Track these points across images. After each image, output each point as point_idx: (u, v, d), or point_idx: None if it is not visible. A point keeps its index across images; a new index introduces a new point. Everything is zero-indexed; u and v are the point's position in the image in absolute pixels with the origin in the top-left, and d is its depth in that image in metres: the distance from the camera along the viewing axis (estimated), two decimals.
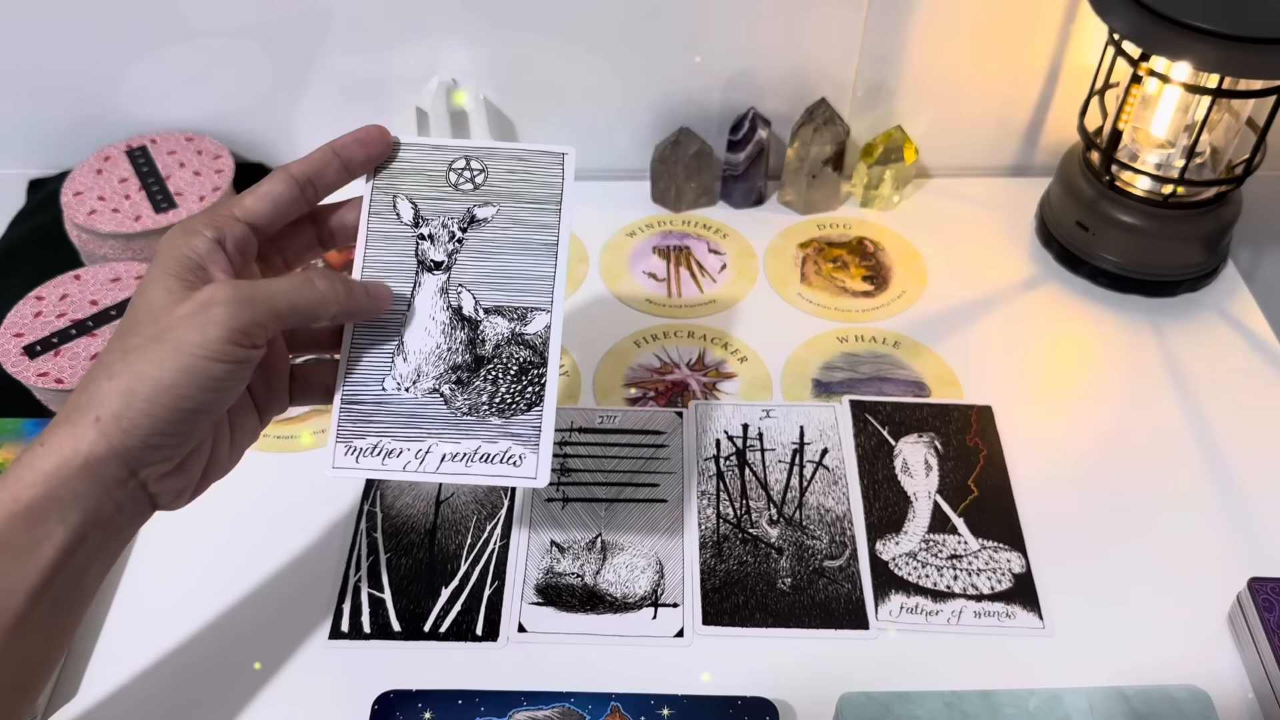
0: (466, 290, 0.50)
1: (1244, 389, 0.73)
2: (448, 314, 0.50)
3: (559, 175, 0.53)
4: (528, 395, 0.50)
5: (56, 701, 0.57)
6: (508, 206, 0.52)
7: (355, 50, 0.82)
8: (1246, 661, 0.58)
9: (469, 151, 0.52)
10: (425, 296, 0.50)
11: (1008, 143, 0.90)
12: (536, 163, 0.53)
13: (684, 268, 0.83)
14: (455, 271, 0.51)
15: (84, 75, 0.84)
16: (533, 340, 0.50)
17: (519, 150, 0.53)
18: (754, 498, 0.66)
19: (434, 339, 0.50)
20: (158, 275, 0.45)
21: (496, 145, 0.52)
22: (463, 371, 0.50)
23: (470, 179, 0.52)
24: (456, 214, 0.51)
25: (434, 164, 0.52)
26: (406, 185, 0.51)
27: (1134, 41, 0.69)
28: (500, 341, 0.50)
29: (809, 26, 0.81)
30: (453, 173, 0.52)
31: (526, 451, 0.49)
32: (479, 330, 0.50)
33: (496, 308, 0.50)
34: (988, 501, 0.66)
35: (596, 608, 0.61)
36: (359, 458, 0.49)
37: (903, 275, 0.82)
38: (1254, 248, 0.97)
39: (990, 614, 0.61)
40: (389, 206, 0.51)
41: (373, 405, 0.50)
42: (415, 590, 0.62)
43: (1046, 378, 0.74)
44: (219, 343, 0.43)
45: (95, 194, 0.80)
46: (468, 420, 0.50)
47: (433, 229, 0.51)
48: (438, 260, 0.50)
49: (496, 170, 0.52)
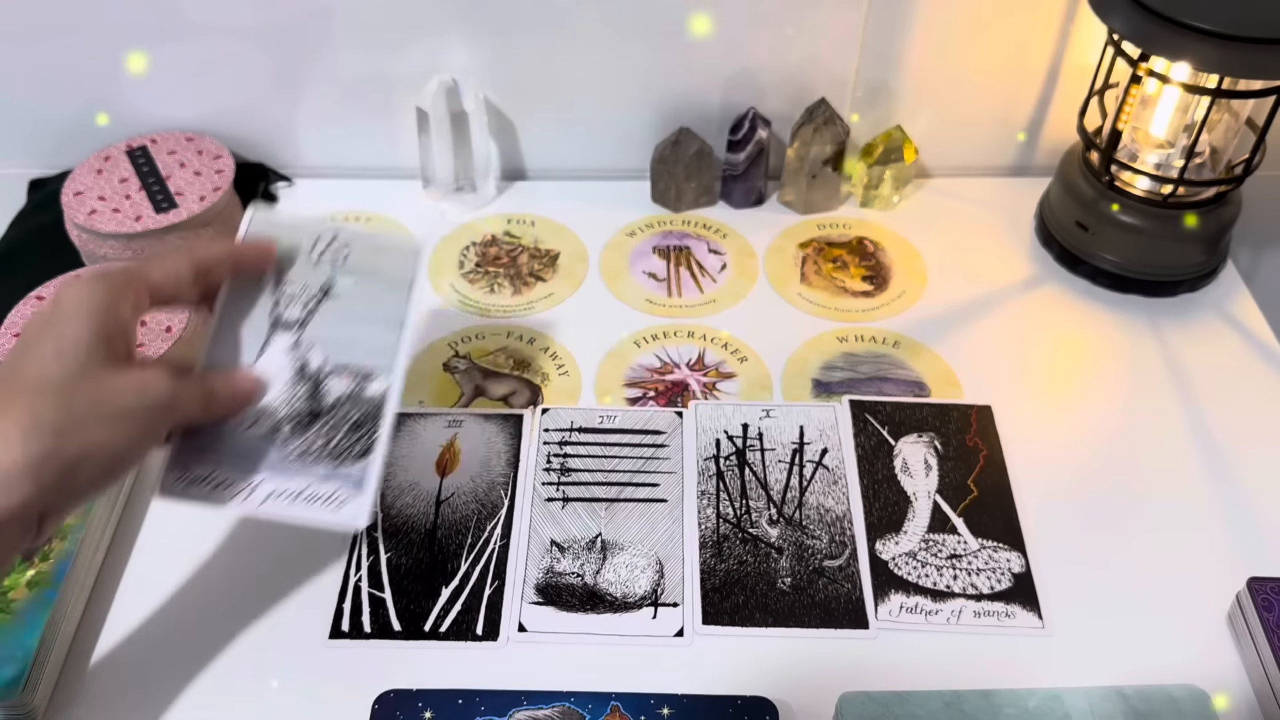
0: (315, 348, 0.55)
1: (1243, 389, 0.73)
2: (294, 368, 0.55)
3: (412, 262, 0.58)
4: (359, 447, 0.54)
5: (56, 701, 0.57)
6: (363, 283, 0.57)
7: (356, 50, 0.82)
8: (1246, 661, 0.58)
9: (336, 230, 0.57)
10: (276, 350, 0.55)
11: (1007, 143, 0.90)
12: (394, 249, 0.58)
13: (684, 268, 0.83)
14: (308, 331, 0.55)
15: (84, 75, 0.84)
16: (370, 400, 0.55)
17: (382, 236, 0.59)
18: (754, 497, 0.66)
19: (276, 389, 0.54)
20: (83, 324, 0.48)
21: (361, 230, 0.59)
22: (302, 418, 0.54)
23: (333, 255, 0.57)
24: (315, 283, 0.56)
25: (303, 238, 0.57)
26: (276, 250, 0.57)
27: (1133, 42, 0.70)
28: (340, 398, 0.55)
29: (809, 26, 0.81)
30: (318, 247, 0.57)
31: (352, 495, 0.53)
32: (321, 386, 0.55)
33: (342, 367, 0.55)
34: (987, 501, 0.66)
35: (597, 607, 0.61)
36: (189, 485, 0.53)
37: (902, 275, 0.82)
38: (1253, 248, 0.98)
39: (990, 614, 0.61)
40: None
41: (210, 439, 0.54)
42: (415, 590, 0.62)
43: (1046, 378, 0.75)
44: (161, 430, 0.50)
45: (96, 194, 0.80)
46: (301, 462, 0.54)
47: (292, 291, 0.56)
48: (291, 319, 0.55)
49: (358, 250, 0.57)
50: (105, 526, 0.64)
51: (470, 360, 0.75)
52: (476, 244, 0.85)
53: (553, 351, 0.76)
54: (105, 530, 0.64)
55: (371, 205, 0.88)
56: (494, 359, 0.76)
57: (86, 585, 0.62)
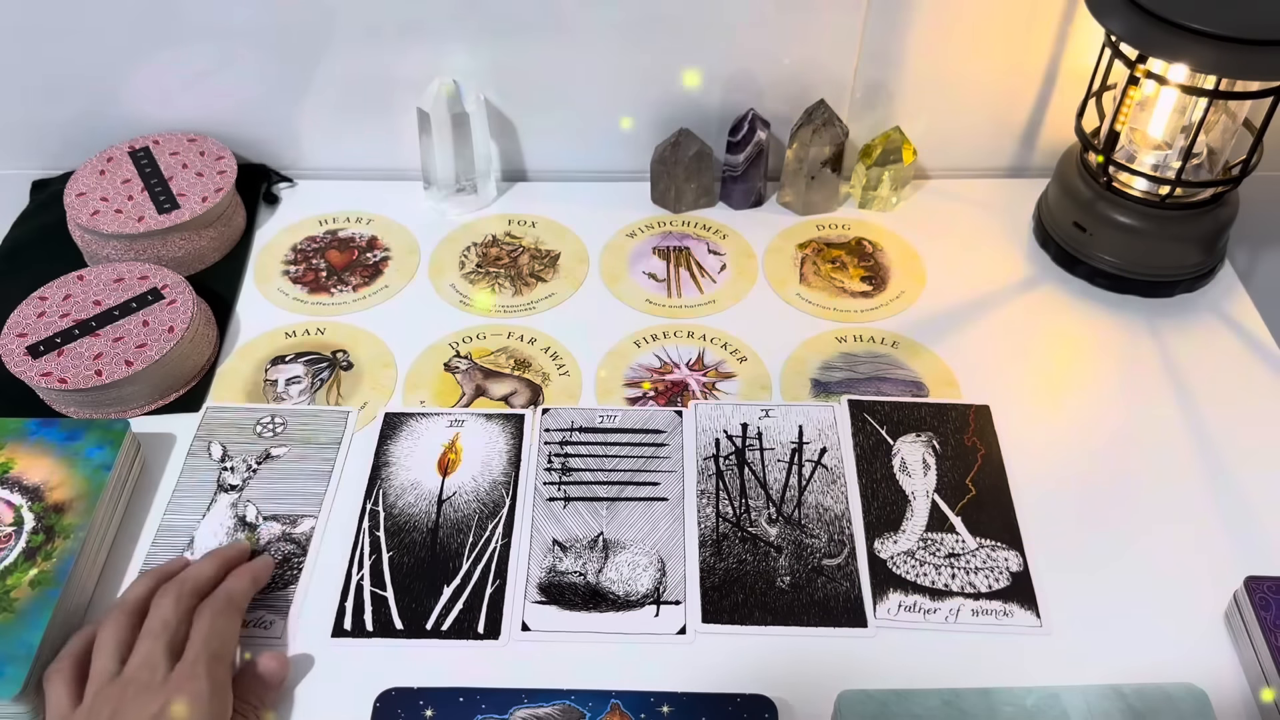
0: (251, 504, 0.66)
1: (1241, 388, 0.74)
2: (233, 521, 0.65)
3: (344, 426, 0.70)
4: (285, 578, 0.63)
5: None
6: (297, 448, 0.69)
7: (357, 52, 0.83)
8: (1243, 659, 0.59)
9: (275, 411, 0.71)
10: (218, 510, 0.66)
11: (1006, 144, 0.90)
12: (326, 418, 0.71)
13: (684, 268, 0.83)
14: (247, 490, 0.67)
15: (87, 76, 0.84)
16: (298, 538, 0.65)
17: (315, 409, 0.72)
18: (753, 497, 0.67)
19: (218, 539, 0.64)
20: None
21: (299, 408, 0.72)
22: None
23: (272, 430, 0.70)
24: (255, 453, 0.69)
25: (246, 419, 0.71)
26: (221, 435, 0.70)
27: (1131, 43, 0.70)
28: (273, 539, 0.65)
29: (808, 28, 0.81)
30: (259, 426, 0.70)
31: (276, 619, 0.61)
32: (256, 531, 0.65)
33: (274, 515, 0.66)
34: (985, 500, 0.66)
35: (599, 606, 0.61)
36: None
37: (901, 276, 0.82)
38: (1251, 248, 0.98)
39: (988, 612, 0.61)
40: (204, 449, 0.69)
41: None
42: (417, 588, 0.62)
43: (1044, 377, 0.75)
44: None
45: (98, 195, 0.81)
46: None
47: (234, 463, 0.68)
48: (233, 484, 0.67)
49: (295, 423, 0.70)
50: (108, 525, 0.64)
51: (471, 360, 0.76)
52: (477, 244, 0.85)
53: (553, 351, 0.76)
54: (108, 529, 0.64)
55: (372, 206, 0.88)
56: (495, 359, 0.76)
57: (89, 584, 0.62)
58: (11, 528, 0.61)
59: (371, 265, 0.83)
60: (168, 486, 0.68)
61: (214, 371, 0.75)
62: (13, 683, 0.54)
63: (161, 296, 0.74)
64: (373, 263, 0.83)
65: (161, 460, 0.69)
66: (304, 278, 0.82)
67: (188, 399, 0.73)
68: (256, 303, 0.80)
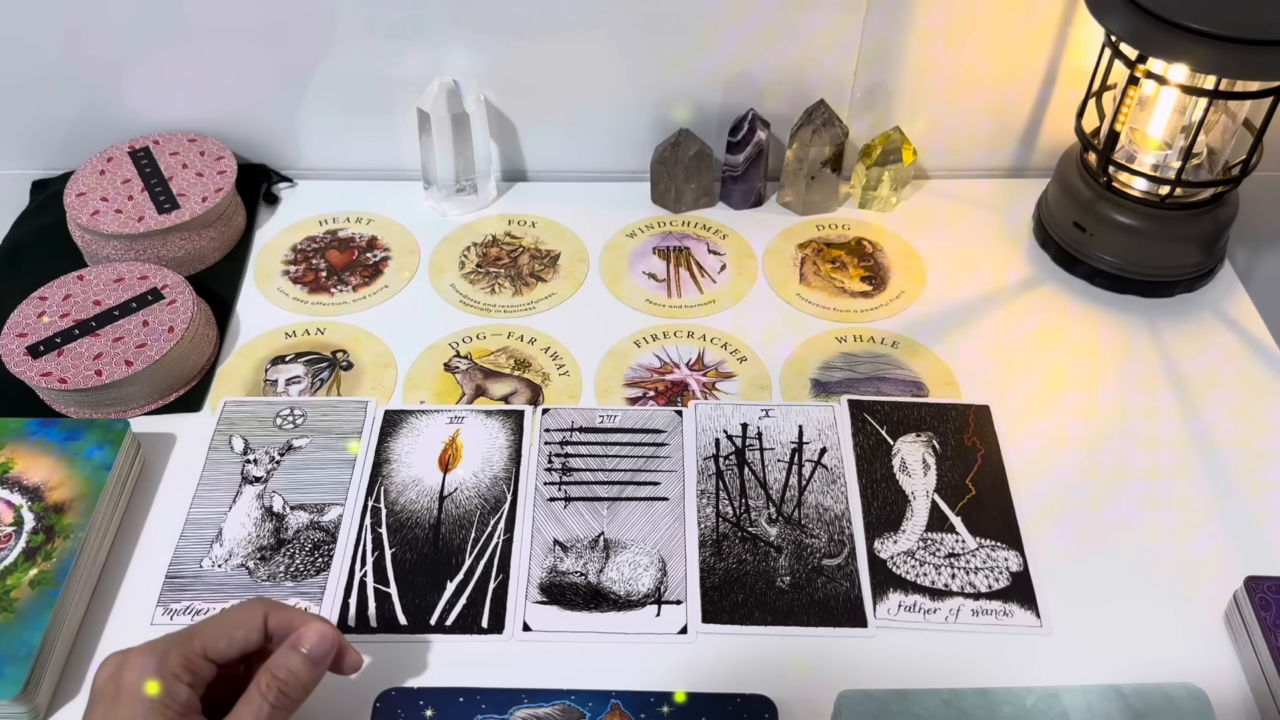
0: (277, 494, 0.66)
1: (1240, 388, 0.74)
2: (260, 512, 0.66)
3: (363, 415, 0.71)
4: (317, 565, 0.63)
5: (58, 701, 0.58)
6: (319, 438, 0.70)
7: (357, 52, 0.83)
8: (1243, 660, 0.59)
9: (294, 404, 0.71)
10: (244, 501, 0.66)
11: (1006, 144, 0.90)
12: (345, 407, 0.71)
13: (684, 268, 0.83)
14: (272, 481, 0.67)
15: (87, 76, 0.84)
16: (327, 525, 0.65)
17: (334, 400, 0.72)
18: (753, 497, 0.67)
19: (246, 530, 0.65)
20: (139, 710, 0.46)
21: (317, 400, 0.72)
22: (267, 551, 0.64)
23: (293, 421, 0.70)
24: (277, 444, 0.69)
25: (266, 411, 0.71)
26: (241, 428, 0.70)
27: (1131, 43, 0.70)
28: (301, 528, 0.65)
29: (808, 28, 0.81)
30: (279, 417, 0.70)
31: (310, 605, 0.61)
32: (284, 521, 0.65)
33: (301, 504, 0.66)
34: (985, 500, 0.66)
35: (600, 605, 0.61)
36: (173, 617, 0.61)
37: (901, 276, 0.82)
38: (1251, 248, 0.98)
39: (988, 612, 0.61)
40: (226, 441, 0.69)
41: (190, 578, 0.63)
42: (420, 584, 0.62)
43: (1044, 377, 0.75)
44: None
45: (98, 195, 0.81)
46: (266, 586, 0.62)
47: (257, 455, 0.68)
48: (257, 476, 0.67)
49: (314, 414, 0.71)
50: (108, 526, 0.64)
51: (471, 360, 0.76)
52: (477, 244, 0.85)
53: (553, 351, 0.76)
54: (108, 529, 0.64)
55: (373, 206, 0.88)
56: (495, 359, 0.76)
57: (89, 584, 0.62)
58: (11, 528, 0.61)
59: (371, 265, 0.83)
60: (168, 486, 0.68)
61: (214, 371, 0.75)
62: (13, 683, 0.54)
63: (161, 296, 0.74)
64: (373, 263, 0.83)
65: (162, 460, 0.69)
66: (304, 278, 0.82)
67: (188, 399, 0.73)
68: (256, 303, 0.80)
